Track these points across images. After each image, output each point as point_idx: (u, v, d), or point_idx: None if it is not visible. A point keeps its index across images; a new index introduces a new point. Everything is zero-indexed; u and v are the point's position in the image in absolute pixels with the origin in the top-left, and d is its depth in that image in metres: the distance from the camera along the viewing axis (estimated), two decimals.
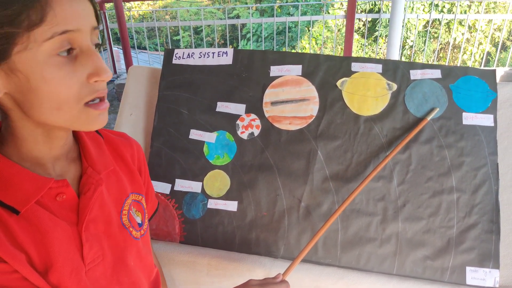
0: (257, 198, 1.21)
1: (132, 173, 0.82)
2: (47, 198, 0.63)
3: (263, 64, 1.28)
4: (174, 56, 1.33)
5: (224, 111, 1.27)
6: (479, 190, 1.13)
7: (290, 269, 0.98)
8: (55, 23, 0.53)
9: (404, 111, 1.19)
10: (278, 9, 9.01)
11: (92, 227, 0.68)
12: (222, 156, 1.25)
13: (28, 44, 0.53)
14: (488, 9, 8.18)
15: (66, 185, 0.66)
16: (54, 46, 0.54)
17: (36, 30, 0.52)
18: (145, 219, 0.83)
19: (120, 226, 0.75)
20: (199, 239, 1.22)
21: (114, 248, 0.72)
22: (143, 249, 0.81)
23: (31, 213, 0.61)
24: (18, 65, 0.54)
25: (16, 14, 0.51)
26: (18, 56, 0.53)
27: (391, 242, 1.14)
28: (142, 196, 0.84)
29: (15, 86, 0.56)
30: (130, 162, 0.82)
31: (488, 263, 1.10)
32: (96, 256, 0.68)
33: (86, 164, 0.72)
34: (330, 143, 1.21)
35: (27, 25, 0.52)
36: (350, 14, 4.51)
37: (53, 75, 0.55)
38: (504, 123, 1.18)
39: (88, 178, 0.70)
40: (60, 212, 0.65)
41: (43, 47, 0.53)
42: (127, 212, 0.78)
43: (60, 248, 0.62)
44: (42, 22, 0.52)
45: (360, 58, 1.25)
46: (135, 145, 0.86)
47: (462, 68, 1.21)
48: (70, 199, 0.66)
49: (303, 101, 1.24)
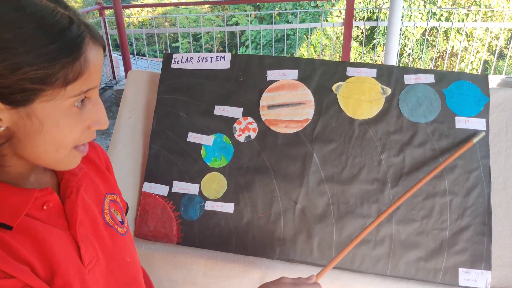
0: (254, 200, 1.23)
1: (103, 174, 0.83)
2: (34, 209, 0.63)
3: (260, 69, 1.30)
4: (173, 60, 1.35)
5: (222, 115, 1.29)
6: (471, 193, 1.15)
7: (324, 272, 0.95)
8: (86, 81, 0.55)
9: (398, 115, 1.22)
10: (277, 17, 9.08)
11: (82, 230, 0.68)
12: (220, 159, 1.27)
13: (55, 97, 0.54)
14: (486, 18, 8.25)
15: (50, 193, 0.66)
16: (76, 100, 0.56)
17: (69, 87, 0.54)
18: (124, 217, 0.84)
19: (105, 225, 0.75)
20: (196, 240, 1.24)
21: (104, 247, 0.72)
22: (130, 245, 0.81)
23: (24, 226, 0.60)
24: (37, 112, 0.54)
25: (56, 73, 0.52)
26: (41, 105, 0.54)
27: (385, 244, 1.16)
28: (116, 195, 0.85)
29: (23, 127, 0.55)
30: (98, 163, 0.83)
31: (480, 264, 1.11)
32: (92, 257, 0.68)
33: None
34: (326, 146, 1.23)
35: (62, 82, 0.53)
36: (348, 22, 4.56)
37: (66, 123, 0.57)
38: (496, 127, 1.21)
39: (67, 182, 0.70)
40: (50, 220, 0.64)
41: (68, 101, 0.55)
42: (108, 211, 0.78)
43: (60, 254, 0.62)
44: (76, 80, 0.54)
45: (355, 63, 1.28)
46: (98, 147, 0.86)
47: (455, 73, 1.24)
48: (56, 205, 0.66)
49: (299, 105, 1.26)
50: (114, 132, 1.36)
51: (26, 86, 0.51)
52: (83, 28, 0.54)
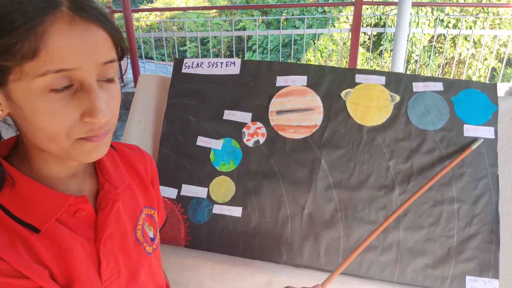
0: (261, 204, 1.24)
1: (146, 187, 0.81)
2: (65, 215, 0.62)
3: (269, 74, 1.32)
4: (184, 65, 1.37)
5: (231, 119, 1.31)
6: (479, 201, 1.15)
7: (330, 280, 0.94)
8: (48, 60, 0.50)
9: (406, 122, 1.22)
10: (284, 22, 9.10)
11: (109, 243, 0.67)
12: (228, 163, 1.28)
13: (20, 76, 0.51)
14: (494, 25, 8.22)
15: (85, 201, 0.65)
16: (47, 83, 0.51)
17: (27, 65, 0.50)
18: (156, 233, 0.82)
19: (134, 241, 0.73)
20: (203, 243, 1.25)
21: (128, 264, 0.71)
22: (154, 263, 0.79)
23: (51, 230, 0.60)
24: (12, 93, 0.52)
25: (11, 45, 0.49)
26: (13, 85, 0.52)
27: (392, 250, 1.16)
28: (154, 210, 0.83)
29: (13, 110, 0.55)
30: (143, 176, 0.81)
31: (487, 272, 1.11)
32: (112, 273, 0.67)
33: (103, 179, 0.70)
34: (334, 152, 1.24)
35: (19, 58, 0.49)
36: (355, 28, 4.56)
37: (42, 109, 0.53)
38: (505, 136, 1.21)
39: (105, 194, 0.69)
40: (78, 229, 0.64)
41: (35, 82, 0.51)
42: (141, 227, 0.76)
43: (81, 265, 0.62)
44: (34, 58, 0.49)
45: (364, 70, 1.29)
46: (148, 158, 0.85)
47: (464, 81, 1.24)
48: (88, 215, 0.65)
49: (308, 110, 1.27)
50: (124, 134, 1.38)
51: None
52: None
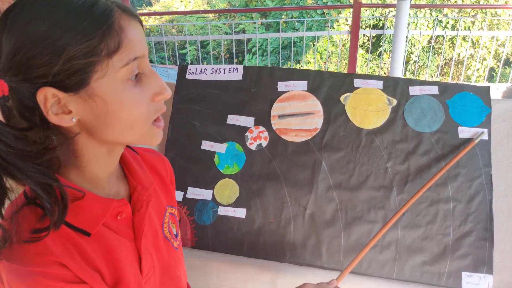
0: (265, 205, 1.29)
1: (167, 187, 0.87)
2: (109, 218, 0.66)
3: (271, 80, 1.36)
4: (188, 71, 1.42)
5: (234, 124, 1.35)
6: (474, 200, 1.20)
7: (343, 275, 0.96)
8: (129, 49, 0.58)
9: (403, 124, 1.27)
10: (284, 24, 9.16)
11: (145, 242, 0.72)
12: (232, 166, 1.33)
13: (107, 71, 0.56)
14: (492, 25, 8.27)
15: (125, 204, 0.69)
16: (128, 71, 0.58)
17: (115, 58, 0.56)
18: (178, 229, 0.88)
19: (163, 238, 0.79)
20: (209, 244, 1.29)
21: (160, 260, 0.76)
22: (181, 259, 0.85)
23: (99, 233, 0.64)
24: (97, 91, 0.57)
25: (97, 44, 0.55)
26: (97, 82, 0.57)
27: (391, 248, 1.21)
28: (175, 208, 0.88)
29: (90, 111, 0.59)
30: (165, 177, 0.87)
31: (482, 268, 1.16)
32: (149, 269, 0.72)
33: (134, 181, 0.75)
34: (334, 154, 1.28)
35: (106, 53, 0.55)
36: (354, 29, 4.60)
37: (128, 98, 0.59)
38: (498, 137, 1.26)
39: (139, 195, 0.73)
40: (120, 230, 0.68)
41: (120, 73, 0.58)
42: (167, 224, 0.82)
43: (126, 263, 0.67)
44: (119, 49, 0.56)
45: (362, 75, 1.34)
46: (166, 161, 0.91)
47: (458, 85, 1.29)
48: (128, 217, 0.71)
49: (309, 114, 1.32)
50: None
51: (76, 66, 0.54)
52: (110, 2, 0.57)
